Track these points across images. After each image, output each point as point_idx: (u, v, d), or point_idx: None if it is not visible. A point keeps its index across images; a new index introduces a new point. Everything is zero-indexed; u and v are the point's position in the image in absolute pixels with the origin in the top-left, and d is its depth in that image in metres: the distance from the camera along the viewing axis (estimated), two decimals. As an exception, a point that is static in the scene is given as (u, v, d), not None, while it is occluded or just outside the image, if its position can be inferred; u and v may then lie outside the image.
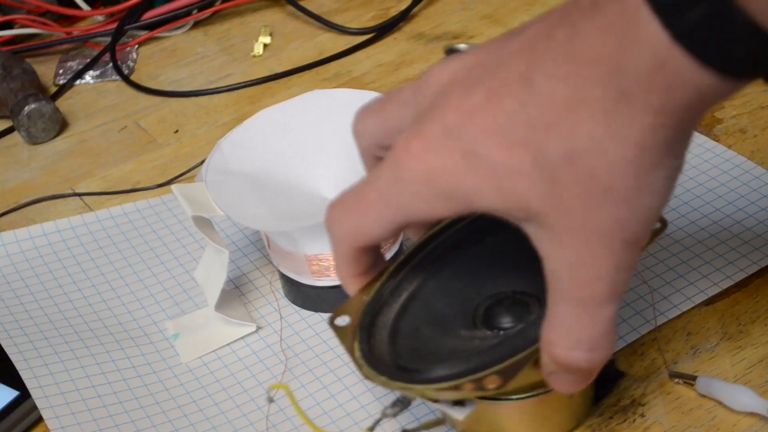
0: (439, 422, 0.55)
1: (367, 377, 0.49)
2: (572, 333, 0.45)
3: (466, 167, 0.43)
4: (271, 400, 0.59)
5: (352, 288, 0.52)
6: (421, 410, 0.57)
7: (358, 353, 0.50)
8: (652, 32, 0.38)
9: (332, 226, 0.49)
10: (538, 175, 0.42)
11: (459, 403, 0.50)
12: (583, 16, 0.41)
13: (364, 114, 0.50)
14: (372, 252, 0.51)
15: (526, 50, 0.42)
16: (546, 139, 0.41)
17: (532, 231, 0.44)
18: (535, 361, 0.47)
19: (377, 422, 0.52)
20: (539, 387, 0.52)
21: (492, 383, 0.47)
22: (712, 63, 0.38)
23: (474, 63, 0.45)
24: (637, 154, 0.41)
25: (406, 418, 0.56)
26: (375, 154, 0.50)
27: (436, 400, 0.50)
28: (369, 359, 0.50)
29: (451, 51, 0.48)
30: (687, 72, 0.39)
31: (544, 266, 0.44)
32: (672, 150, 0.41)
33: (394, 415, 0.52)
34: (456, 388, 0.48)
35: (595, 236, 0.42)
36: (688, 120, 0.41)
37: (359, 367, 0.50)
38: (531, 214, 0.43)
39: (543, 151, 0.41)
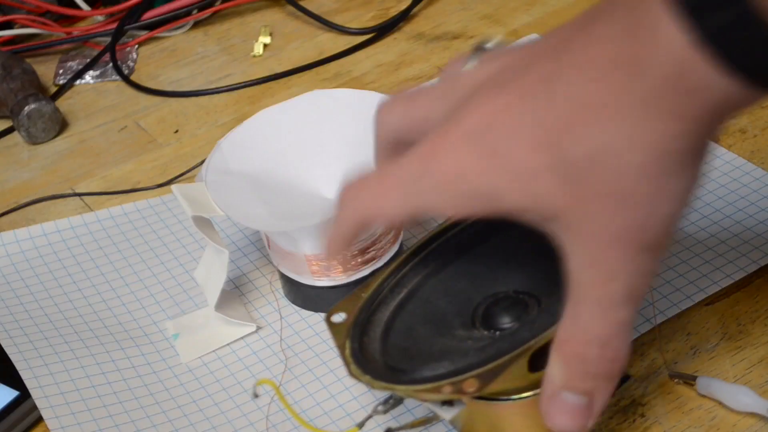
0: (427, 421, 0.55)
1: (352, 375, 0.50)
2: (587, 331, 0.45)
3: (491, 167, 0.44)
4: (256, 395, 0.59)
5: (333, 253, 0.51)
6: (418, 409, 0.57)
7: (348, 351, 0.51)
8: (674, 37, 0.38)
9: (347, 199, 0.48)
10: (560, 176, 0.42)
11: (447, 402, 0.50)
12: (606, 19, 0.41)
13: (391, 104, 0.50)
14: (365, 231, 0.51)
15: (551, 54, 0.43)
16: (568, 141, 0.42)
17: (553, 231, 0.44)
18: (528, 362, 0.47)
19: (367, 418, 0.52)
20: (538, 387, 0.52)
21: (470, 386, 0.47)
22: (734, 70, 0.38)
23: (505, 66, 0.45)
24: (657, 159, 0.41)
25: (405, 417, 0.56)
26: (391, 147, 0.50)
27: (424, 399, 0.50)
28: (358, 358, 0.50)
29: (479, 48, 0.48)
30: (708, 78, 0.38)
31: (565, 265, 0.45)
32: (691, 158, 0.42)
33: (385, 412, 0.52)
34: (436, 390, 0.48)
35: (613, 239, 0.43)
36: (708, 128, 0.41)
37: (347, 365, 0.50)
38: (552, 215, 0.43)
39: (565, 153, 0.42)
